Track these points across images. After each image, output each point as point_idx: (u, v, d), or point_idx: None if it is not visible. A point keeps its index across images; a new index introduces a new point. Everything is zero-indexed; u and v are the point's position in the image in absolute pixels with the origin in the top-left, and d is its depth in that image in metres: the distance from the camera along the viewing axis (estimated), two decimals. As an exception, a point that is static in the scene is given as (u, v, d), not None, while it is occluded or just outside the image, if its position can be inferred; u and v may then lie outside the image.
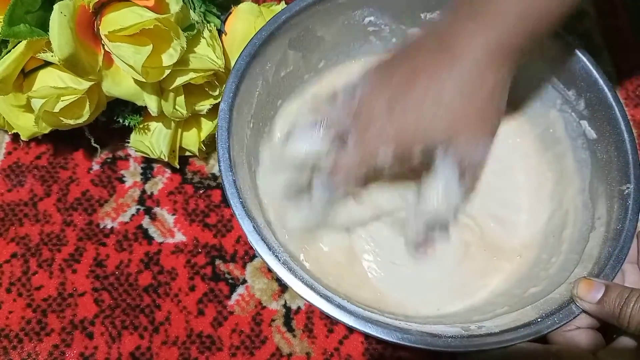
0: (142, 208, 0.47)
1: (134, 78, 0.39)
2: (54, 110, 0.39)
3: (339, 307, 0.32)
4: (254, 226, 0.34)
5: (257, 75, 0.40)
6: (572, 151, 0.42)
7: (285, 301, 0.45)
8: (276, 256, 0.34)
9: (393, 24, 0.45)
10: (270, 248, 0.34)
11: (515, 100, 0.45)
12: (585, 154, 0.41)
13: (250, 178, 0.39)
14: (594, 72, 0.40)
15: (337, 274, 0.40)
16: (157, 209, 0.48)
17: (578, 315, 0.34)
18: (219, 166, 0.36)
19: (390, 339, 0.32)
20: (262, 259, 0.34)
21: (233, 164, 0.36)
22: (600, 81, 0.40)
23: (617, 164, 0.38)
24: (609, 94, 0.39)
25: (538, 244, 0.41)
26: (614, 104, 0.39)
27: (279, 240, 0.37)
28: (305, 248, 0.41)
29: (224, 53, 0.43)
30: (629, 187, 0.37)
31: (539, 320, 0.33)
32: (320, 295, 0.33)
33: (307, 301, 0.33)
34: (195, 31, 0.41)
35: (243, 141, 0.39)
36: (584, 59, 0.40)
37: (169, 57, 0.38)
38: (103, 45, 0.38)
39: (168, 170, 0.49)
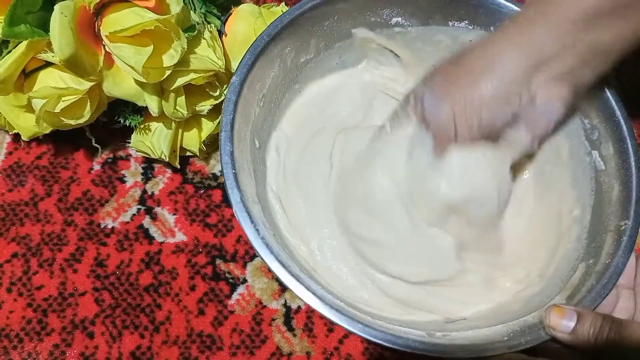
0: (142, 208, 0.48)
1: (134, 78, 0.39)
2: (55, 111, 0.39)
3: (309, 289, 0.33)
4: (241, 197, 0.35)
5: (275, 56, 0.40)
6: (574, 178, 0.41)
7: (285, 300, 0.45)
8: (256, 230, 0.34)
9: (420, 28, 0.44)
10: (252, 220, 0.34)
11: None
12: (590, 183, 0.40)
13: (252, 153, 0.40)
14: (613, 102, 0.39)
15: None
16: (157, 209, 0.48)
17: (547, 340, 0.33)
18: (220, 135, 0.36)
19: (353, 330, 0.32)
20: (238, 220, 0.34)
21: (234, 135, 0.36)
22: (618, 112, 0.39)
23: (620, 198, 0.38)
24: (624, 127, 0.38)
25: (528, 265, 0.41)
26: (627, 137, 0.38)
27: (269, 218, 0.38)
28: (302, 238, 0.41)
29: (225, 54, 0.43)
30: (626, 224, 0.36)
31: (505, 339, 0.33)
32: (291, 274, 0.33)
33: (281, 281, 0.33)
34: (196, 32, 0.41)
35: (250, 117, 0.40)
36: (604, 87, 0.39)
37: (169, 58, 0.38)
38: (104, 45, 0.39)
39: (169, 170, 0.49)
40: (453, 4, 0.43)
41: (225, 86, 0.44)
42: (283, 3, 0.47)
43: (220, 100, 0.44)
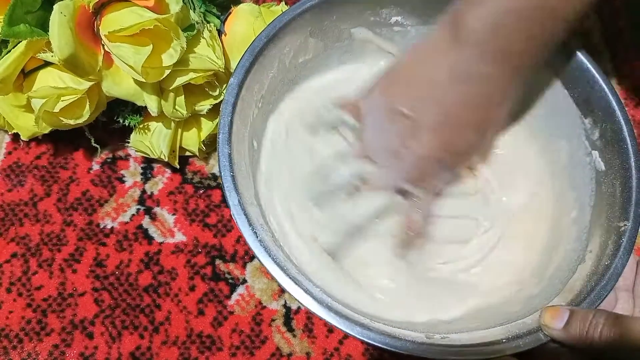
0: (142, 208, 0.48)
1: (134, 78, 0.39)
2: (54, 110, 0.39)
3: (307, 292, 0.33)
4: (239, 200, 0.35)
5: (273, 56, 0.40)
6: (573, 179, 0.41)
7: (285, 301, 0.45)
8: (254, 232, 0.34)
9: (419, 27, 0.44)
10: (250, 222, 0.34)
11: (528, 118, 0.44)
12: (590, 184, 0.40)
13: (250, 155, 0.40)
14: (613, 102, 0.39)
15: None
16: (157, 209, 0.48)
17: (545, 342, 0.33)
18: (218, 137, 0.36)
19: (351, 332, 0.32)
20: (236, 221, 0.34)
21: (232, 137, 0.36)
22: (618, 112, 0.38)
23: (620, 199, 0.37)
24: (624, 127, 0.38)
25: (528, 266, 0.41)
26: (627, 138, 0.38)
27: (265, 214, 0.38)
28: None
29: (224, 53, 0.43)
30: (626, 225, 0.36)
31: (503, 341, 0.33)
32: (289, 277, 0.33)
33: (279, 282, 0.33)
34: (195, 31, 0.41)
35: (248, 118, 0.40)
36: (605, 87, 0.39)
37: (169, 57, 0.38)
38: (103, 45, 0.38)
39: (168, 170, 0.49)
40: (452, 2, 0.43)
41: (224, 85, 0.44)
42: (283, 2, 0.47)
43: (219, 99, 0.44)
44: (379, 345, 0.32)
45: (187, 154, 0.48)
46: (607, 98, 0.39)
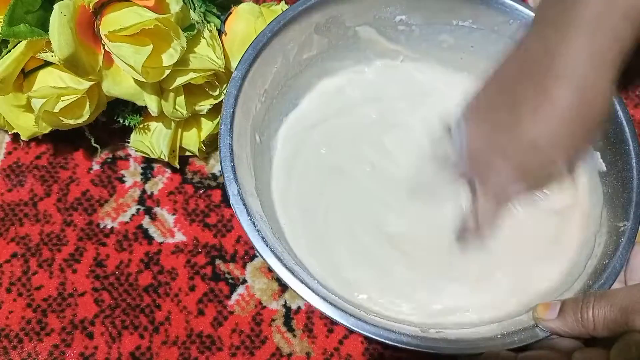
0: (142, 208, 0.47)
1: (134, 78, 0.39)
2: (54, 110, 0.39)
3: (303, 282, 0.33)
4: (238, 190, 0.35)
5: (277, 51, 0.40)
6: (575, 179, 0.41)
7: (285, 301, 0.45)
8: (253, 222, 0.34)
9: (424, 26, 0.44)
10: (249, 213, 0.34)
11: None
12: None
13: (252, 148, 0.40)
14: (615, 102, 0.39)
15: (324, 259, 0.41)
16: (157, 209, 0.48)
17: (543, 338, 0.34)
18: (220, 128, 0.36)
19: (346, 323, 0.32)
20: (232, 207, 0.35)
21: (234, 129, 0.37)
22: (620, 113, 0.39)
23: (620, 200, 0.38)
24: (626, 128, 0.38)
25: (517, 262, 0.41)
26: (629, 139, 0.38)
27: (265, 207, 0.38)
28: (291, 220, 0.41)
29: (224, 53, 0.43)
30: (625, 225, 0.37)
31: (498, 336, 0.33)
32: (286, 267, 0.33)
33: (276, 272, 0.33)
34: (195, 31, 0.41)
35: (251, 111, 0.40)
36: None
37: (169, 57, 0.38)
38: (103, 45, 0.38)
39: (168, 170, 0.49)
40: (457, 2, 0.43)
41: (224, 85, 0.44)
42: (283, 2, 0.47)
43: (219, 99, 0.44)
44: (373, 336, 0.32)
45: (187, 154, 0.48)
46: None
